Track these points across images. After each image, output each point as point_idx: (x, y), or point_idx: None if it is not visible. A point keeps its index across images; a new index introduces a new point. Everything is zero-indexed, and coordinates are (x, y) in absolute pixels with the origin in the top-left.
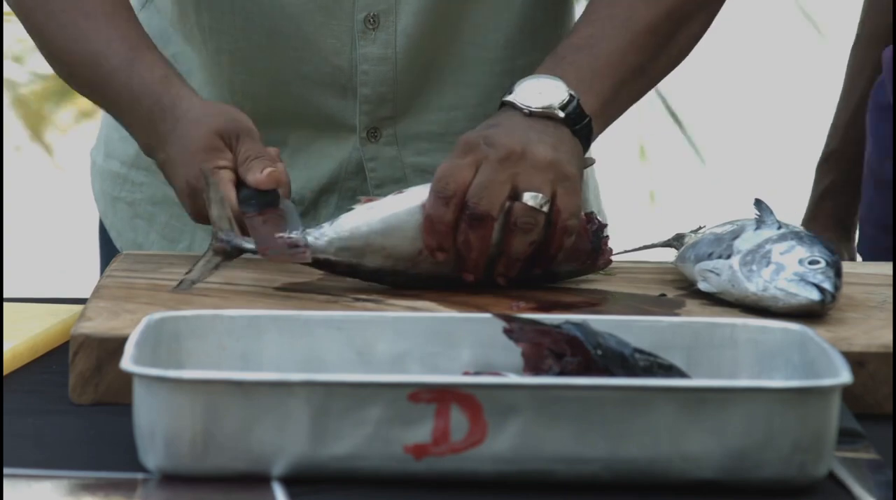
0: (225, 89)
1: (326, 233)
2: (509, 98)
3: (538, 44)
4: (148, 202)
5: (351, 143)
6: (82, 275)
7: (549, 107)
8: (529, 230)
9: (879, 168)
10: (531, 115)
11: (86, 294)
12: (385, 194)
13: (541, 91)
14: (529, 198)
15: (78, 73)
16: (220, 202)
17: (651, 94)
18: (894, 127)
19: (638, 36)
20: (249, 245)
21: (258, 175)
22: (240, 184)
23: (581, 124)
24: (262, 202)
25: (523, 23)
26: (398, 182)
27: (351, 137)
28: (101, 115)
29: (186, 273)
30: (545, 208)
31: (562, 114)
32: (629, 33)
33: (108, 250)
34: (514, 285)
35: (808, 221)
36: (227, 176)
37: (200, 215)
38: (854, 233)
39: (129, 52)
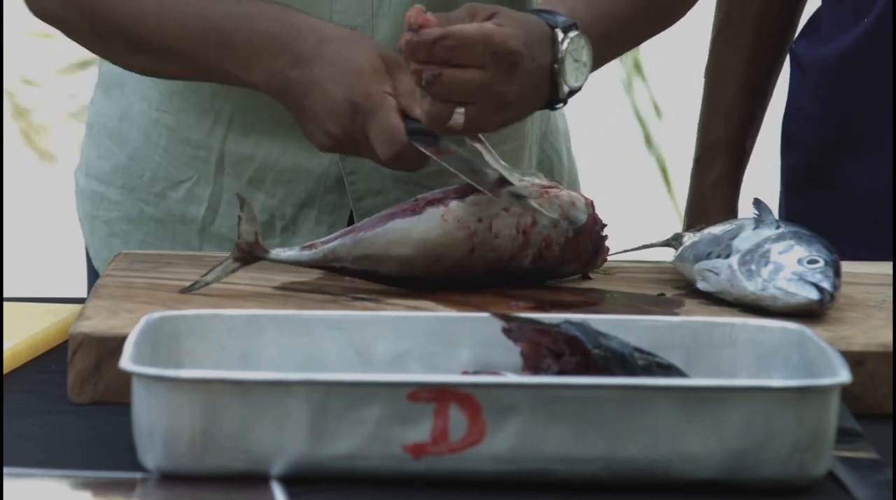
0: (205, 94)
1: (345, 242)
2: (560, 40)
3: None
4: (123, 221)
5: (329, 156)
6: (81, 275)
7: (567, 86)
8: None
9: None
10: (554, 71)
11: (84, 294)
12: (367, 206)
13: (577, 59)
14: (458, 113)
15: (180, 40)
16: (252, 220)
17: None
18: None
19: (646, 12)
20: (268, 255)
21: None
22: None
23: (554, 107)
24: (430, 138)
25: None
26: (379, 194)
27: None
28: (84, 132)
29: (203, 276)
30: (458, 119)
31: (563, 94)
32: (638, 8)
33: (94, 274)
34: (513, 284)
35: (699, 211)
36: (393, 104)
37: (348, 138)
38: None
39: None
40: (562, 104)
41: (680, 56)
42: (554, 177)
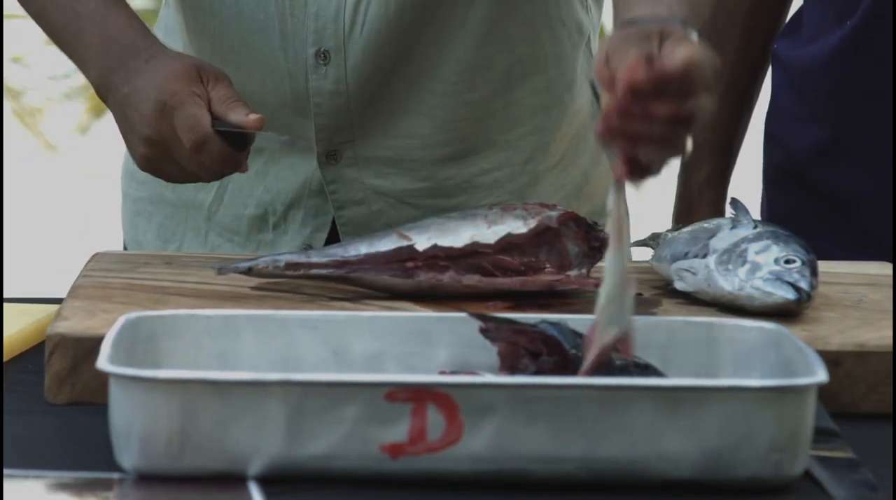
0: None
1: (333, 274)
2: None
3: (491, 75)
4: (147, 201)
5: (314, 160)
6: (75, 271)
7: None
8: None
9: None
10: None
11: (62, 294)
12: (349, 215)
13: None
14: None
15: (50, 14)
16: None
17: None
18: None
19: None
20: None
21: (244, 117)
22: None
23: None
24: (240, 140)
25: (475, 57)
26: (360, 204)
27: (314, 155)
28: None
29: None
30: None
31: None
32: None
33: (125, 249)
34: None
35: (686, 213)
36: (201, 101)
37: (161, 138)
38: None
39: (104, 3)
40: None
41: None
42: (578, 196)
